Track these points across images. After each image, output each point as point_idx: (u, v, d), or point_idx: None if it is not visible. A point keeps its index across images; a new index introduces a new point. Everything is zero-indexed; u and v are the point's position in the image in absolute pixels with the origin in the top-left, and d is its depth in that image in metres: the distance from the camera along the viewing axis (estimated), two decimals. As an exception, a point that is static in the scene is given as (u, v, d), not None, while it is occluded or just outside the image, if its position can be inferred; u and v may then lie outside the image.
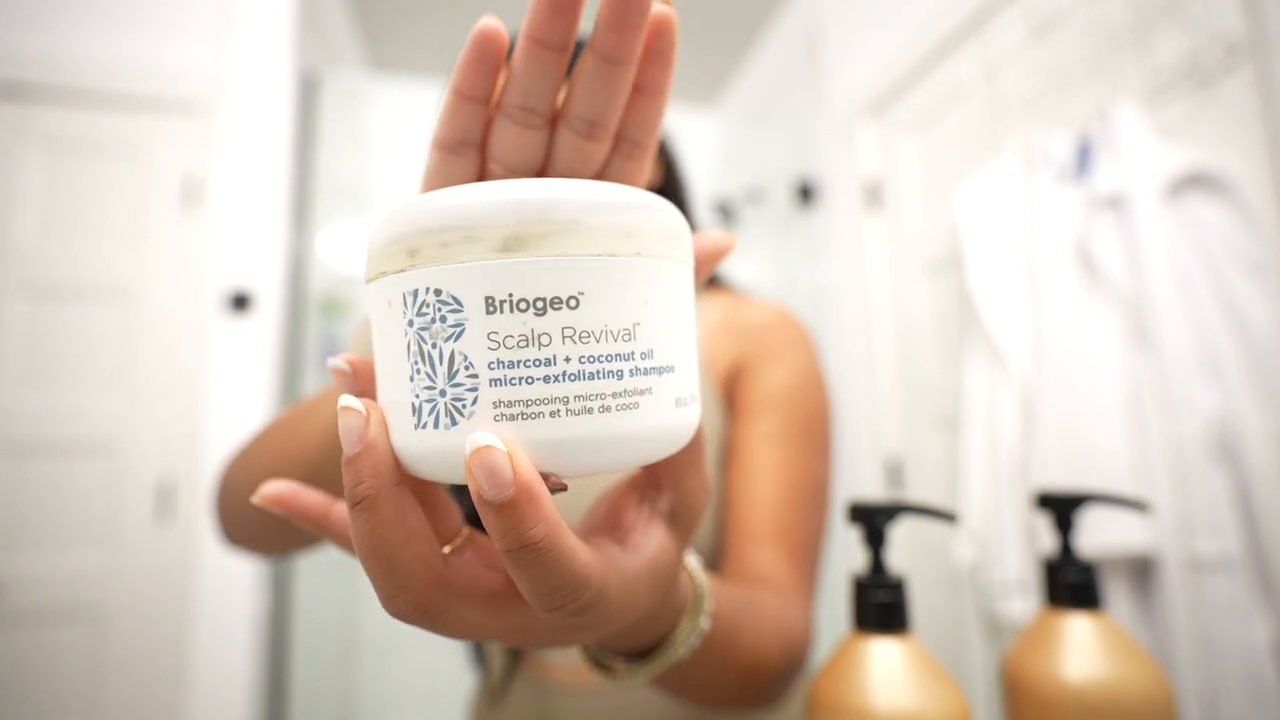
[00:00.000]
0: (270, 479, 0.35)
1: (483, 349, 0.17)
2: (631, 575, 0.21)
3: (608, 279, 0.17)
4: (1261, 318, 0.86)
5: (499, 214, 0.17)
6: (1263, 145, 0.91)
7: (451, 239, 0.17)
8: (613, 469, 0.19)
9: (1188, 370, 0.89)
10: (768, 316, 0.56)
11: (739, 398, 0.52)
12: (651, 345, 0.18)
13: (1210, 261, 0.91)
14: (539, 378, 0.17)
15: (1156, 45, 1.06)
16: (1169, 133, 1.04)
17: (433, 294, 0.17)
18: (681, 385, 0.19)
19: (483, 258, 0.17)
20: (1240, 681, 0.82)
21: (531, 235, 0.17)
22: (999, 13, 1.37)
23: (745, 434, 0.50)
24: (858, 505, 0.37)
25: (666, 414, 0.19)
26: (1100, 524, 0.91)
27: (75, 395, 1.51)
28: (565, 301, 0.17)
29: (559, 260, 0.17)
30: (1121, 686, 0.37)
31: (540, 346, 0.17)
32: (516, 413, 0.17)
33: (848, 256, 1.94)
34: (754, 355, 0.53)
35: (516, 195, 0.17)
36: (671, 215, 0.20)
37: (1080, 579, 0.40)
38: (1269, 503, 0.83)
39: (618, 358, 0.18)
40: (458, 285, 0.17)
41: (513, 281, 0.17)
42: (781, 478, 0.48)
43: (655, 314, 0.18)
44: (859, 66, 1.88)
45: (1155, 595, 0.91)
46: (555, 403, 0.17)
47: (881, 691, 0.34)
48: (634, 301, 0.18)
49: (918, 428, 1.66)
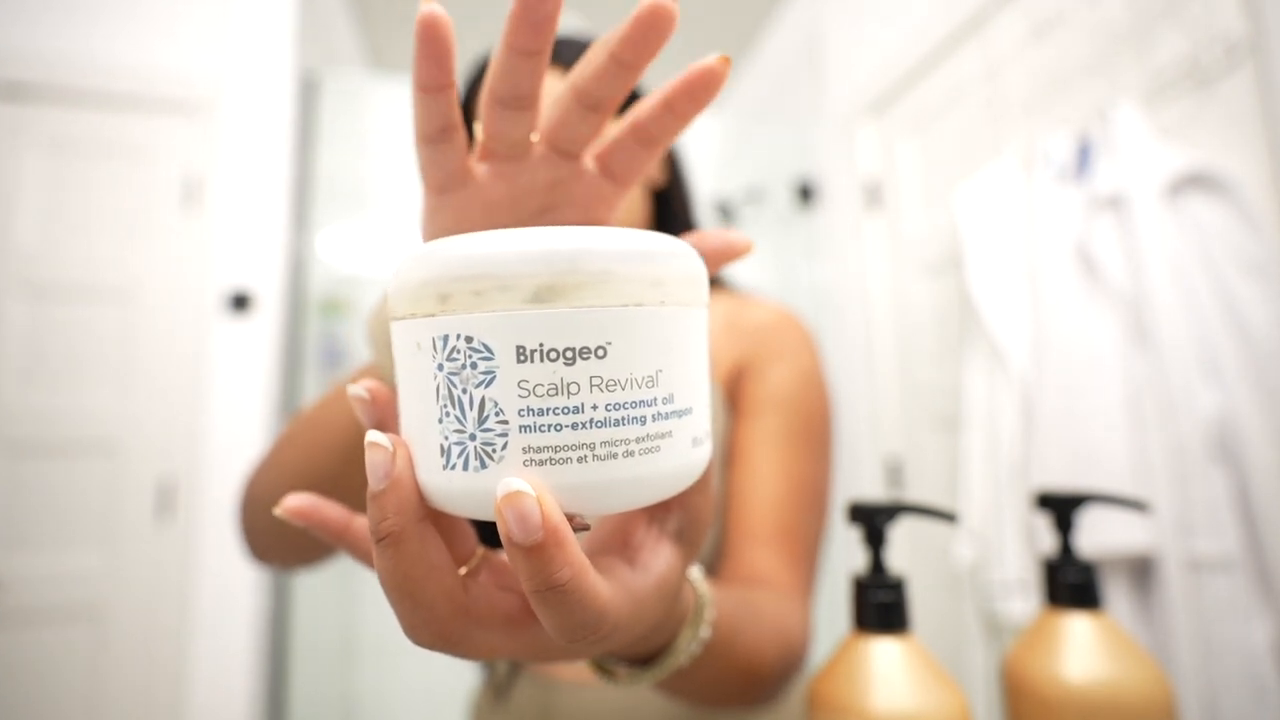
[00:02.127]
0: (289, 491, 0.34)
1: (513, 396, 0.17)
2: (641, 595, 0.21)
3: (634, 328, 0.18)
4: (1261, 318, 0.86)
5: (530, 264, 0.17)
6: (1262, 145, 0.91)
7: (484, 287, 0.17)
8: (633, 507, 0.20)
9: (1187, 370, 0.89)
10: (770, 317, 0.57)
11: (741, 398, 0.53)
12: (672, 390, 0.19)
13: (1210, 261, 0.91)
14: (567, 425, 0.17)
15: (1156, 45, 1.06)
16: (1169, 133, 1.04)
17: (464, 341, 0.17)
18: (698, 424, 0.20)
19: (515, 307, 0.17)
20: (1240, 681, 0.82)
21: (562, 285, 0.17)
22: (999, 13, 1.37)
23: (747, 434, 0.51)
24: (858, 505, 0.37)
25: (684, 454, 0.19)
26: (1100, 524, 0.91)
27: (75, 395, 1.51)
28: (594, 351, 0.17)
29: (589, 311, 0.17)
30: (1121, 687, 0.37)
31: (569, 395, 0.17)
32: (545, 458, 0.17)
33: (848, 256, 1.94)
34: (756, 356, 0.54)
35: (548, 246, 0.17)
36: (694, 261, 0.20)
37: (1080, 579, 0.40)
38: (1269, 503, 0.84)
39: (642, 404, 0.18)
40: (489, 334, 0.17)
41: (544, 332, 0.17)
42: (782, 479, 0.49)
43: (677, 360, 0.19)
44: (859, 67, 1.89)
45: (1155, 595, 0.91)
46: (583, 449, 0.17)
47: (881, 691, 0.34)
48: (658, 349, 0.19)
49: (918, 428, 1.66)
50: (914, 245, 1.67)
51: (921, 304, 1.64)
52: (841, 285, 1.97)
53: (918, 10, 1.63)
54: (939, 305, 1.57)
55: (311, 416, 0.41)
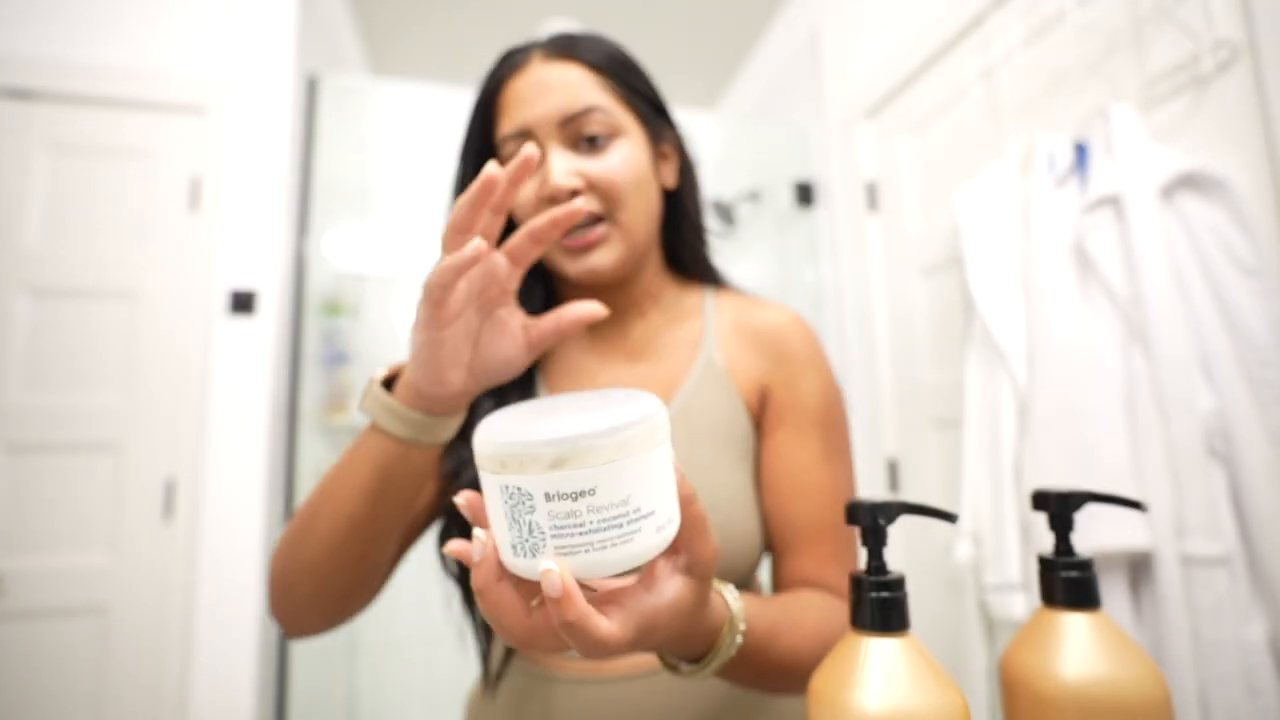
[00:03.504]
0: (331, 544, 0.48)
1: (545, 519, 0.29)
2: (651, 611, 0.33)
3: (611, 475, 0.29)
4: (1255, 317, 0.87)
5: (548, 447, 0.29)
6: (1257, 146, 0.92)
7: (524, 460, 0.29)
8: (619, 572, 0.31)
9: (1184, 370, 0.89)
10: (784, 324, 0.60)
11: (774, 406, 0.58)
12: (639, 504, 0.30)
13: (1206, 262, 0.92)
14: (576, 533, 0.29)
15: (1153, 48, 1.07)
16: (1165, 134, 1.04)
17: (517, 490, 0.30)
18: (661, 517, 0.31)
19: (541, 472, 0.29)
20: (1235, 678, 0.82)
21: (566, 458, 0.29)
22: (997, 16, 1.38)
23: (792, 447, 0.57)
24: (858, 505, 0.38)
25: (650, 539, 0.31)
26: (1098, 523, 0.91)
27: (80, 395, 1.52)
28: (587, 492, 0.29)
29: (582, 471, 0.29)
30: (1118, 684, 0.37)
31: (575, 517, 0.29)
32: (565, 551, 0.30)
33: (848, 256, 1.95)
34: (783, 370, 0.59)
35: (557, 435, 0.29)
36: (651, 419, 0.31)
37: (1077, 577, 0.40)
38: (1263, 501, 0.84)
39: (619, 516, 0.30)
40: (528, 486, 0.29)
41: (558, 485, 0.29)
42: (829, 490, 0.56)
43: (640, 484, 0.30)
44: (859, 69, 1.89)
45: (1152, 593, 0.91)
46: (586, 545, 0.30)
47: (880, 690, 0.34)
48: (627, 483, 0.30)
49: (917, 428, 1.66)
50: (913, 246, 1.67)
51: (920, 304, 1.64)
52: (841, 285, 1.98)
53: (916, 13, 1.64)
54: (938, 305, 1.58)
55: (334, 477, 0.49)
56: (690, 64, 2.63)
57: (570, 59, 0.56)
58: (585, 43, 0.58)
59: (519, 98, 0.55)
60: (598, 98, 0.55)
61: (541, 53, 0.57)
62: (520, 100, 0.55)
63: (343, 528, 0.47)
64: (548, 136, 0.54)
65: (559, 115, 0.54)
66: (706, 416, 0.57)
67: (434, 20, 2.37)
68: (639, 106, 0.58)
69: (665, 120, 0.62)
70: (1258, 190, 0.92)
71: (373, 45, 2.49)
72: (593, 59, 0.57)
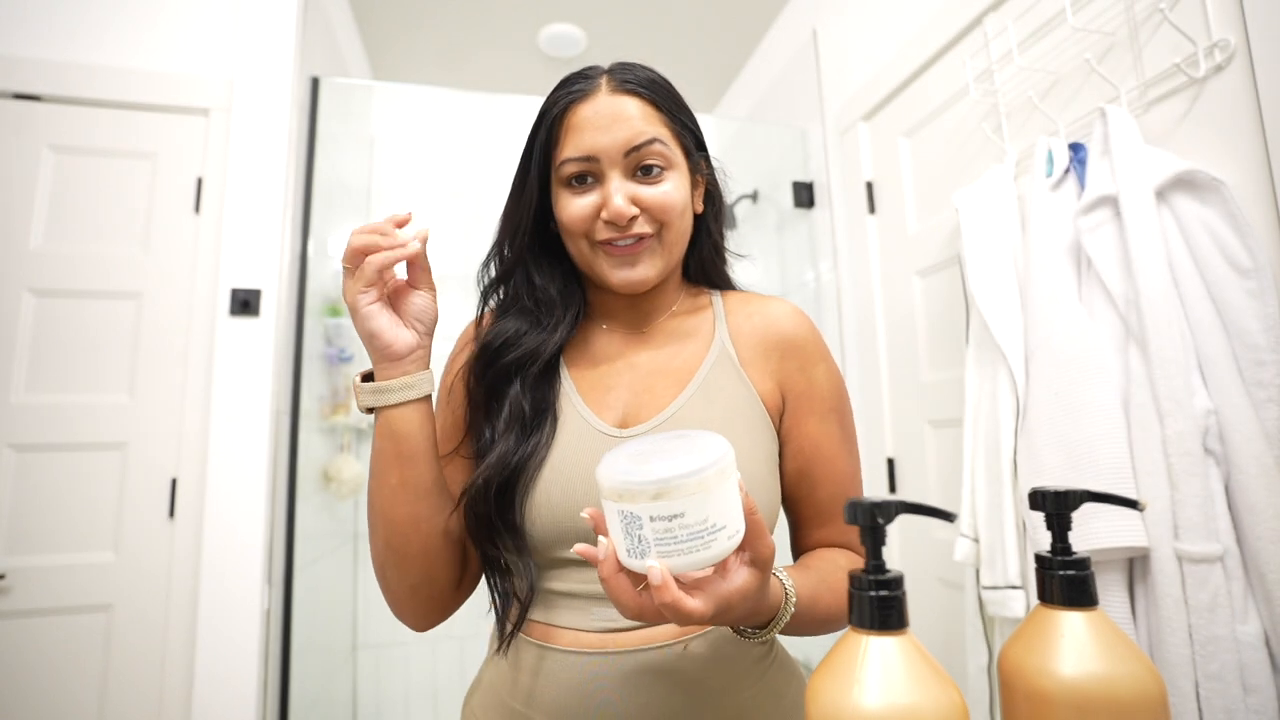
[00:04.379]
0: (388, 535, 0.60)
1: (650, 534, 0.41)
2: (726, 594, 0.44)
3: (695, 503, 0.41)
4: (1250, 318, 0.87)
5: (650, 485, 0.40)
6: (1253, 147, 0.92)
7: (635, 494, 0.41)
8: (705, 568, 0.43)
9: (1181, 370, 0.90)
10: (786, 314, 0.68)
11: (794, 396, 0.66)
12: (715, 521, 0.41)
13: (1201, 262, 0.92)
14: (671, 542, 0.41)
15: (1148, 50, 1.07)
16: (1161, 135, 1.05)
17: (629, 513, 0.42)
18: (731, 529, 0.42)
19: (646, 502, 0.41)
20: (1230, 675, 0.83)
21: (662, 492, 0.40)
22: (996, 18, 1.38)
23: (817, 432, 0.66)
24: (858, 503, 0.38)
25: (723, 545, 0.42)
26: (1095, 522, 0.92)
27: (84, 394, 1.52)
28: (679, 515, 0.41)
29: (674, 500, 0.40)
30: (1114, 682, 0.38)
31: (671, 532, 0.41)
32: (664, 555, 0.42)
33: (847, 257, 1.95)
34: (795, 366, 0.66)
35: (657, 477, 0.40)
36: (721, 461, 0.42)
37: (1074, 576, 0.41)
38: (1258, 500, 0.85)
39: (702, 531, 0.41)
40: (637, 512, 0.41)
41: (658, 510, 0.41)
42: (850, 465, 0.67)
43: (717, 507, 0.41)
44: (858, 70, 1.89)
45: (1148, 591, 0.92)
46: (678, 551, 0.41)
47: (879, 688, 0.34)
48: (707, 508, 0.41)
49: (916, 427, 1.66)
50: (913, 246, 1.68)
51: (921, 304, 1.65)
52: (841, 285, 1.98)
53: (915, 16, 1.64)
54: (938, 305, 1.58)
55: (370, 471, 0.61)
56: (691, 66, 2.64)
57: (634, 93, 0.63)
58: (645, 75, 0.65)
59: (588, 124, 0.62)
60: (658, 131, 0.63)
61: (609, 82, 0.63)
62: (589, 127, 0.62)
63: (388, 499, 0.59)
64: (611, 164, 0.61)
65: (625, 145, 0.61)
66: (722, 395, 0.64)
67: (433, 26, 2.37)
68: (685, 140, 0.66)
69: (704, 153, 0.70)
70: (1253, 191, 0.92)
71: (373, 51, 2.49)
72: (654, 95, 0.64)
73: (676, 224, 0.64)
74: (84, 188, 1.58)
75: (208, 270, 1.61)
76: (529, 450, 0.61)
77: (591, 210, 0.62)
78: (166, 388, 1.56)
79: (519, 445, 0.62)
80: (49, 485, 1.48)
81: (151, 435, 1.54)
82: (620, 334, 0.70)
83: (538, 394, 0.65)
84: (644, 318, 0.70)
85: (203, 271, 1.61)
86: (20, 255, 1.53)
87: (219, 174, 1.64)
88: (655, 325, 0.70)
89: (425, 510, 0.60)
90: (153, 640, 1.49)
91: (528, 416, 0.63)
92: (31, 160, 1.56)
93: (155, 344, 1.57)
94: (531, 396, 0.64)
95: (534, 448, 0.62)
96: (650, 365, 0.67)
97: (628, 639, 0.59)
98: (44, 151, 1.57)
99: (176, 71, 1.65)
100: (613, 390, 0.66)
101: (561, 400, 0.65)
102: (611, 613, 0.59)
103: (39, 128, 1.57)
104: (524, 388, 0.64)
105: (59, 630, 1.44)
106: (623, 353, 0.69)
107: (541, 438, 0.62)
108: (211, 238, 1.62)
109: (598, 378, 0.67)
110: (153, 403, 1.55)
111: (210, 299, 1.59)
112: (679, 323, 0.70)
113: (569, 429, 0.63)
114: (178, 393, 1.57)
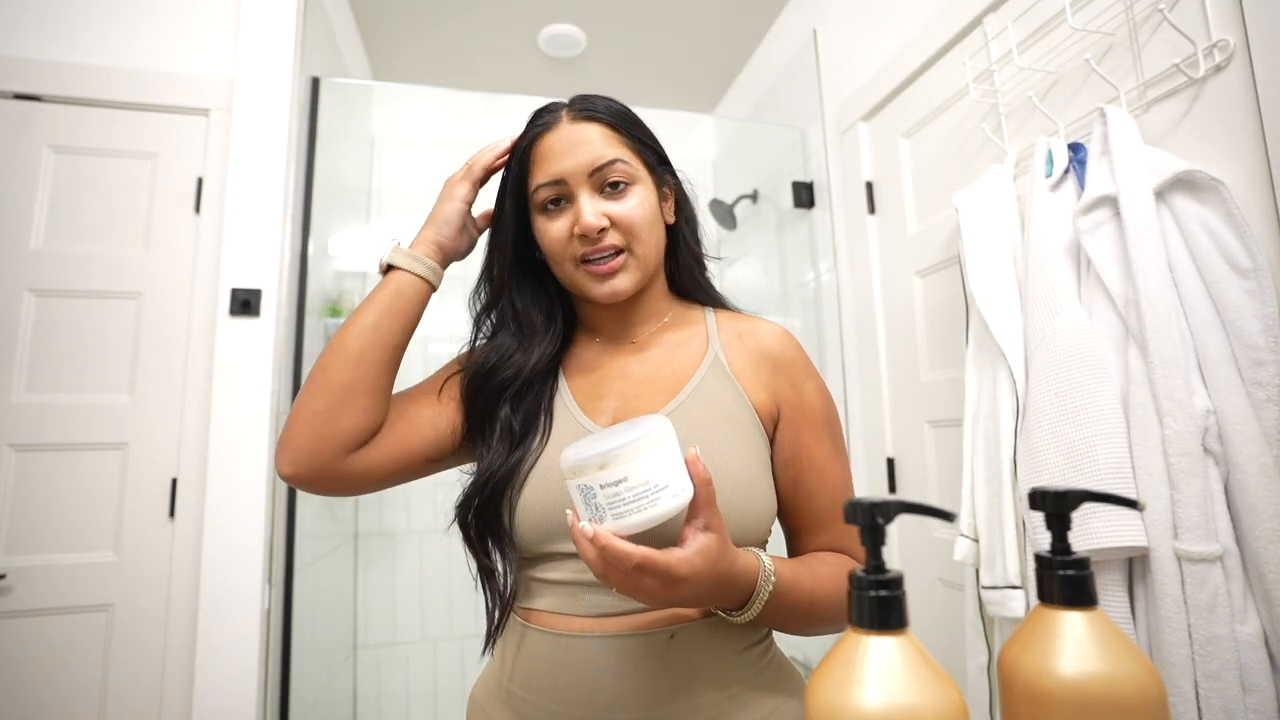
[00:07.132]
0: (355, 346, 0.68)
1: (603, 500, 0.49)
2: (688, 556, 0.50)
3: (635, 468, 0.48)
4: (1250, 318, 0.87)
5: (595, 458, 0.49)
6: (1252, 148, 0.92)
7: (584, 466, 0.49)
8: (654, 525, 0.50)
9: (1180, 369, 0.90)
10: (776, 335, 0.72)
11: (788, 410, 0.70)
12: (656, 480, 0.49)
13: (1201, 262, 0.92)
14: (620, 504, 0.49)
15: (1148, 50, 1.07)
16: (1161, 136, 1.05)
17: (584, 486, 0.50)
18: (675, 487, 0.50)
19: (594, 474, 0.49)
20: (1230, 675, 0.83)
21: (606, 461, 0.48)
22: (995, 18, 1.38)
23: (811, 444, 0.69)
24: (858, 503, 0.38)
25: (669, 502, 0.50)
26: (1094, 522, 0.92)
27: (85, 395, 1.52)
28: (623, 480, 0.48)
29: (616, 468, 0.48)
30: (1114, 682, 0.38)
31: (620, 496, 0.49)
32: (618, 516, 0.49)
33: (847, 257, 1.95)
34: (787, 382, 0.70)
35: (598, 450, 0.49)
36: (655, 432, 0.50)
37: (1074, 576, 0.41)
38: (1257, 500, 0.85)
39: (646, 490, 0.49)
40: (590, 483, 0.50)
41: (605, 479, 0.49)
42: (842, 474, 0.70)
43: (654, 469, 0.49)
44: (859, 70, 1.89)
45: (1147, 591, 0.92)
46: (628, 510, 0.49)
47: (879, 688, 0.34)
48: (644, 470, 0.49)
49: (917, 427, 1.66)
50: (913, 246, 1.68)
51: (921, 304, 1.65)
52: (841, 285, 1.98)
53: (915, 15, 1.64)
54: (938, 305, 1.58)
55: (361, 305, 0.70)
56: (691, 66, 2.64)
57: (593, 119, 0.69)
58: (603, 104, 0.71)
59: (553, 152, 0.68)
60: (618, 151, 0.68)
61: (569, 114, 0.70)
62: (554, 154, 0.68)
63: (354, 330, 0.68)
64: (579, 184, 0.67)
65: (589, 166, 0.67)
66: (715, 403, 0.67)
67: (433, 26, 2.37)
68: (647, 157, 0.72)
69: (667, 167, 0.75)
70: (1252, 191, 0.92)
71: (373, 51, 2.49)
72: (611, 119, 0.70)
73: (645, 235, 0.69)
74: (84, 188, 1.58)
75: (208, 270, 1.61)
76: (518, 458, 0.67)
77: (568, 229, 0.68)
78: (167, 388, 1.56)
79: (506, 457, 0.67)
80: (49, 485, 1.48)
81: (152, 435, 1.54)
82: (613, 345, 0.75)
83: (528, 408, 0.70)
84: (633, 328, 0.75)
85: (203, 271, 1.61)
86: (20, 255, 1.53)
87: (219, 174, 1.64)
88: (647, 336, 0.75)
89: (373, 357, 0.67)
90: (153, 640, 1.49)
91: (517, 432, 0.69)
92: (32, 160, 1.56)
93: (155, 344, 1.57)
94: (522, 413, 0.70)
95: (523, 455, 0.67)
96: (643, 373, 0.71)
97: (618, 624, 0.62)
98: (44, 151, 1.57)
99: (177, 71, 1.66)
100: (606, 396, 0.71)
101: (557, 406, 0.71)
102: (603, 599, 0.62)
103: (39, 128, 1.57)
104: (513, 406, 0.70)
105: (59, 630, 1.45)
106: (616, 361, 0.74)
107: (533, 443, 0.68)
108: (212, 238, 1.62)
109: (592, 385, 0.72)
110: (153, 403, 1.55)
111: (210, 299, 1.60)
112: (672, 334, 0.74)
113: (562, 430, 0.69)
114: (178, 393, 1.57)
